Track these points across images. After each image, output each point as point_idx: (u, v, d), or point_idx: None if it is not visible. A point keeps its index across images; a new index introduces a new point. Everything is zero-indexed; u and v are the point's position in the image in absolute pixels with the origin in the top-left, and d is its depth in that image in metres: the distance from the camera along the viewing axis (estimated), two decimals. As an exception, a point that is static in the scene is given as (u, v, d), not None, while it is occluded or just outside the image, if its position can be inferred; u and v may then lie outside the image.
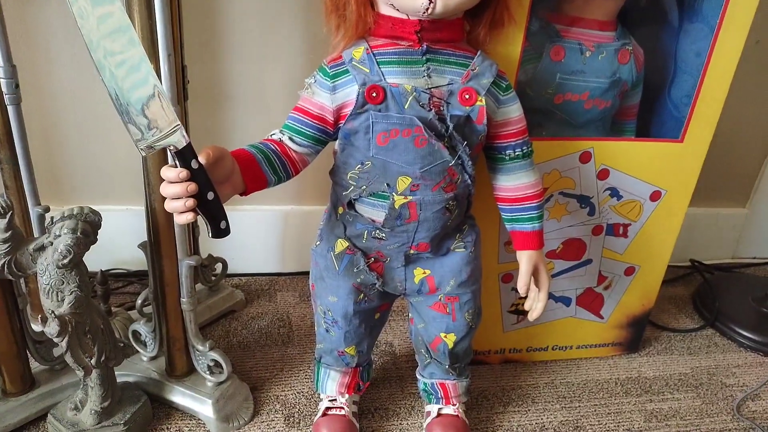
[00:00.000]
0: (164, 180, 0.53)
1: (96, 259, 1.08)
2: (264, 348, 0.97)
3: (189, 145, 0.53)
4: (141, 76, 0.50)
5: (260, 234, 1.16)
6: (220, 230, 0.58)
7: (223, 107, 1.03)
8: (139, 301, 0.92)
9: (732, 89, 0.82)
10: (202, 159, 0.54)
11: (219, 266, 1.04)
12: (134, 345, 0.86)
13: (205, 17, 0.96)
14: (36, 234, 0.82)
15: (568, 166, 0.82)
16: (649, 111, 0.90)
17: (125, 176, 1.06)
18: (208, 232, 0.58)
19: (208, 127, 1.03)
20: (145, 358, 0.86)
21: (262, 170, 0.62)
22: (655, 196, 0.87)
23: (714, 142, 0.86)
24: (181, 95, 0.81)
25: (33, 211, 0.81)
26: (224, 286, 1.06)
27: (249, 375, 0.90)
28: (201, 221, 0.56)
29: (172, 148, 0.53)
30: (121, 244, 1.00)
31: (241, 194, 0.61)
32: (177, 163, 0.54)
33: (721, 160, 1.26)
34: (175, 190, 0.53)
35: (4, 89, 0.74)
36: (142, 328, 0.83)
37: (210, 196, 0.55)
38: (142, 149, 0.52)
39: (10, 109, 0.75)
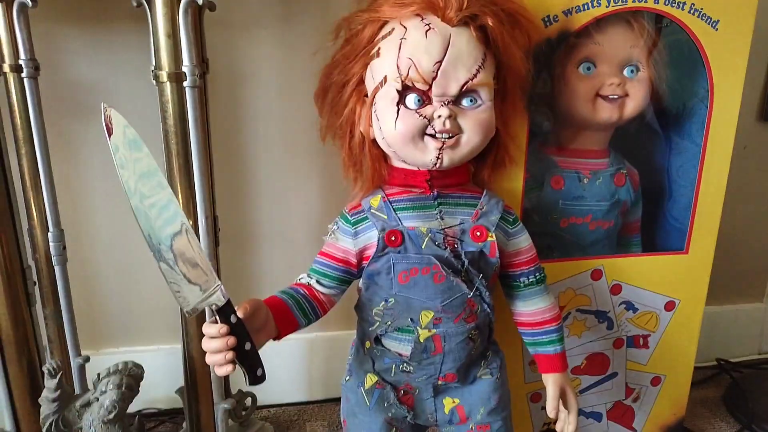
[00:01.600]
0: (205, 335, 0.58)
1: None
2: (297, 484, 0.96)
3: (229, 302, 0.58)
4: (183, 240, 0.56)
5: (286, 363, 1.18)
6: (257, 377, 0.61)
7: (250, 248, 1.09)
8: (173, 444, 0.93)
9: (729, 191, 0.87)
10: (240, 313, 0.58)
11: (248, 400, 1.06)
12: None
13: (231, 171, 1.05)
14: (76, 384, 0.85)
15: (581, 284, 0.86)
16: (652, 224, 0.95)
17: (156, 317, 1.11)
18: (246, 381, 0.61)
19: (237, 267, 1.09)
20: (179, 505, 0.85)
21: (293, 315, 0.66)
22: (670, 306, 0.90)
23: (721, 243, 0.89)
24: (213, 244, 0.88)
25: (74, 362, 0.84)
26: (254, 420, 1.07)
27: None
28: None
29: (213, 306, 0.58)
30: (153, 383, 1.02)
31: (274, 339, 0.65)
32: (217, 318, 0.58)
33: (730, 260, 1.29)
34: (216, 345, 0.56)
35: (52, 252, 0.81)
36: (177, 473, 0.84)
37: (247, 346, 0.59)
38: (187, 311, 0.57)
39: (57, 270, 0.81)
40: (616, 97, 0.79)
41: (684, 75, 0.84)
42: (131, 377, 0.67)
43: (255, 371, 0.61)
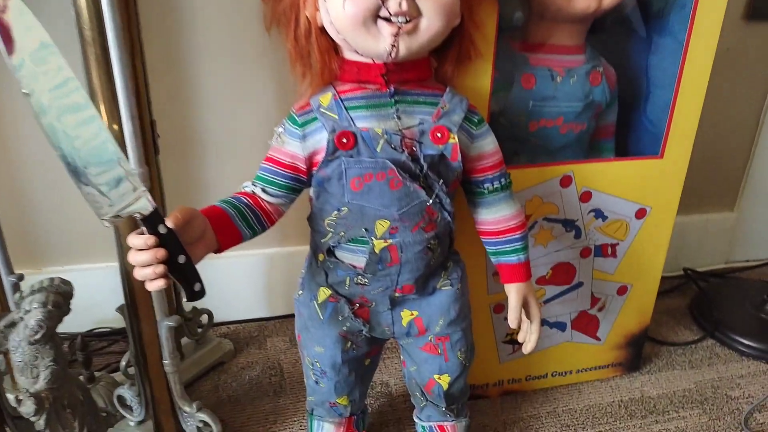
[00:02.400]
0: (132, 247, 0.52)
1: (77, 321, 1.07)
2: (255, 401, 0.94)
3: (156, 211, 0.52)
4: (98, 142, 0.48)
5: (245, 279, 1.13)
6: (195, 293, 0.56)
7: (196, 158, 1.01)
8: (123, 363, 0.90)
9: (708, 96, 0.81)
10: (170, 223, 0.52)
11: (204, 317, 1.02)
12: (120, 410, 0.83)
13: (171, 68, 0.95)
14: (11, 304, 0.79)
15: (550, 191, 0.81)
16: (626, 128, 0.89)
17: (101, 233, 1.03)
18: (183, 296, 0.56)
19: (183, 179, 1.01)
20: (132, 423, 0.83)
21: (235, 226, 0.61)
22: (640, 213, 0.86)
23: (695, 149, 0.85)
24: (151, 153, 0.80)
25: (6, 281, 0.78)
26: (211, 337, 1.04)
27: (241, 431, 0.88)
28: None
29: (138, 215, 0.51)
30: (102, 302, 0.97)
31: (215, 252, 0.60)
32: (144, 229, 0.52)
33: (704, 166, 1.26)
34: (144, 257, 0.51)
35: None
36: (126, 392, 0.81)
37: (181, 259, 0.54)
38: (105, 220, 0.50)
39: (-23, 180, 0.73)
40: (594, -18, 0.70)
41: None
42: (59, 294, 0.62)
43: (192, 286, 0.56)
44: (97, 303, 0.98)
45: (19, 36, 0.44)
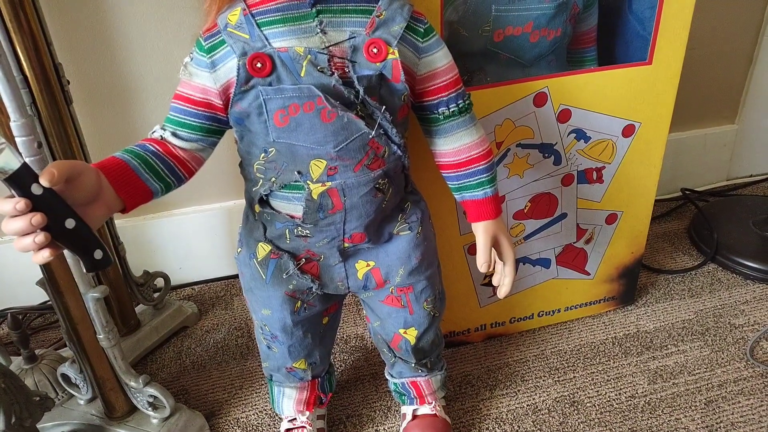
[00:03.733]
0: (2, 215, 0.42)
1: (21, 295, 0.99)
2: (221, 365, 0.87)
3: (23, 167, 0.42)
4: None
5: (206, 236, 1.04)
6: (96, 261, 0.47)
7: (123, 107, 0.90)
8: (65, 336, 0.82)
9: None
10: (44, 181, 0.42)
11: (159, 281, 0.94)
12: (67, 389, 0.76)
13: (78, 11, 0.82)
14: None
15: (522, 112, 0.70)
16: (610, 33, 0.78)
17: None
18: (82, 266, 0.47)
19: (110, 129, 0.90)
20: (81, 402, 0.76)
21: (140, 179, 0.51)
22: (628, 130, 0.76)
23: (689, 57, 0.74)
24: (60, 102, 0.69)
25: None
26: (171, 301, 0.96)
27: (205, 399, 0.81)
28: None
29: (1, 174, 0.41)
30: (32, 275, 0.89)
31: (121, 212, 0.50)
32: (13, 192, 0.42)
33: (700, 75, 1.14)
34: (17, 225, 0.42)
35: None
36: (69, 370, 0.73)
37: (69, 224, 0.44)
38: (-47, 184, 0.41)
39: None
40: None
41: None
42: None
43: (91, 254, 0.47)
44: (31, 276, 0.90)
45: None
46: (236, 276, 1.06)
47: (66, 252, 0.50)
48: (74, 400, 0.77)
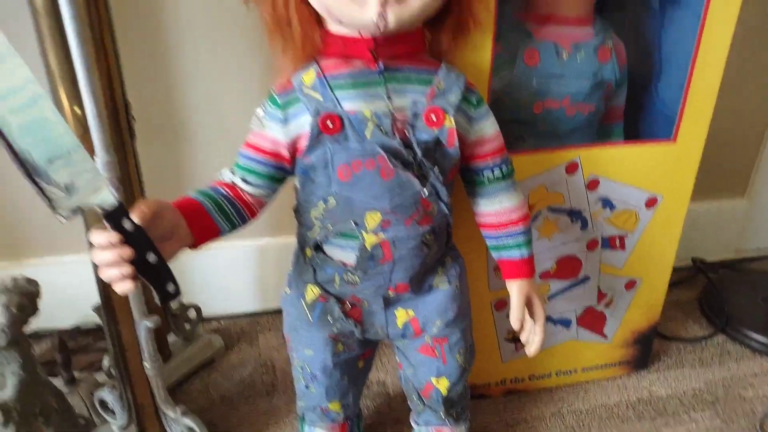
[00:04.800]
0: (94, 246, 0.46)
1: (59, 316, 1.02)
2: (248, 400, 0.89)
3: (120, 205, 0.46)
4: (45, 126, 0.43)
5: (236, 272, 1.08)
6: (168, 294, 0.51)
7: (178, 144, 0.96)
8: (105, 363, 0.85)
9: (723, 76, 0.75)
10: (136, 218, 0.47)
11: (192, 313, 0.97)
12: (102, 414, 0.78)
13: (148, 45, 0.89)
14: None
15: (555, 179, 0.75)
16: (637, 110, 0.83)
17: (74, 224, 0.99)
18: (156, 297, 0.51)
19: (164, 167, 0.96)
20: (115, 428, 0.78)
21: (212, 219, 0.55)
22: (651, 202, 0.81)
23: (708, 134, 0.79)
24: (126, 139, 0.74)
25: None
26: (200, 334, 0.99)
27: (232, 434, 0.83)
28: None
29: (99, 209, 0.46)
30: (86, 295, 0.92)
31: (190, 248, 0.54)
32: (107, 225, 0.47)
33: (715, 151, 1.19)
34: (108, 257, 0.46)
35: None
36: (108, 395, 0.76)
37: (151, 258, 0.48)
38: (61, 215, 0.45)
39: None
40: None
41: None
42: (23, 296, 0.57)
43: (164, 286, 0.51)
44: (80, 297, 0.93)
45: None
46: (262, 313, 1.10)
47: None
48: (107, 426, 0.79)
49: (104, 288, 0.66)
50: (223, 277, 1.07)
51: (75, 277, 0.95)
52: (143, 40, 0.88)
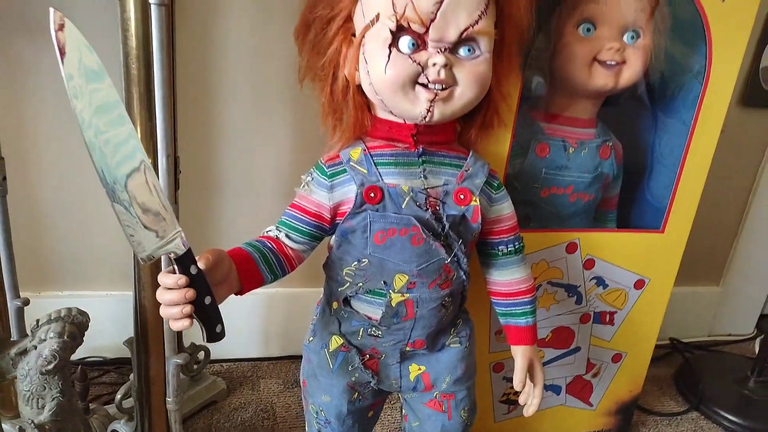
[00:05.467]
0: (161, 285, 0.52)
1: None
2: (248, 443, 0.93)
3: (189, 251, 0.53)
4: (141, 179, 0.49)
5: (243, 317, 1.13)
6: (216, 334, 0.57)
7: (212, 194, 1.03)
8: (118, 396, 0.88)
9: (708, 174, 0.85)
10: (201, 264, 0.53)
11: (201, 354, 1.01)
12: (112, 445, 0.81)
13: (197, 107, 0.97)
14: (13, 328, 0.78)
15: (556, 256, 0.84)
16: (629, 201, 0.93)
17: (106, 261, 1.04)
18: (203, 337, 0.57)
19: (197, 214, 1.02)
20: (124, 459, 0.81)
21: (259, 269, 0.61)
22: (639, 284, 0.89)
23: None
24: (172, 189, 0.81)
25: (11, 304, 0.78)
26: (206, 374, 1.03)
27: (233, 475, 0.86)
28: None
29: (171, 254, 0.52)
30: (98, 331, 0.96)
31: (236, 294, 0.60)
32: (175, 268, 0.53)
33: (694, 240, 1.30)
34: (173, 297, 0.51)
35: (-9, 182, 0.73)
36: (123, 428, 0.79)
37: (207, 300, 0.54)
38: (142, 258, 0.51)
39: (-4, 202, 0.74)
40: (614, 63, 0.75)
41: (682, 47, 0.81)
42: (74, 325, 0.62)
43: (214, 327, 0.56)
44: (91, 332, 0.97)
45: (71, 51, 0.45)
46: (263, 359, 1.15)
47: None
48: (116, 456, 0.82)
49: (142, 323, 0.71)
50: (230, 322, 1.11)
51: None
52: (194, 102, 0.96)
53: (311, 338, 0.72)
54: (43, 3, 0.83)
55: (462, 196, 0.65)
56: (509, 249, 0.70)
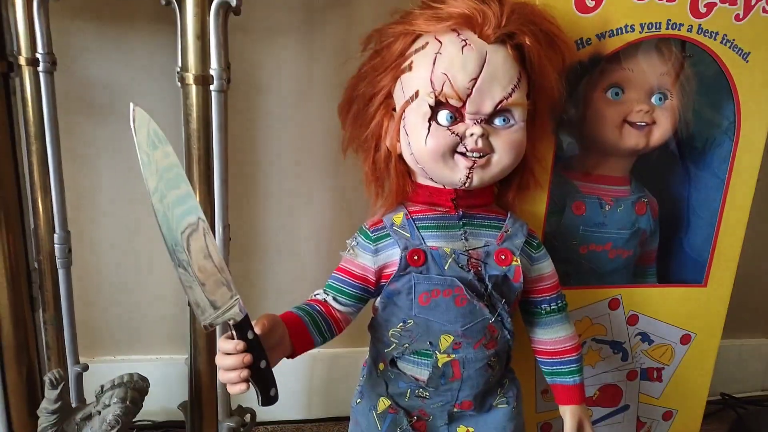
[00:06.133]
0: (219, 350, 0.55)
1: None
2: (294, 507, 0.92)
3: (246, 317, 0.56)
4: (201, 242, 0.53)
5: (286, 379, 1.12)
6: (270, 398, 0.59)
7: (258, 259, 1.07)
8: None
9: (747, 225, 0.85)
10: (257, 329, 0.56)
11: (248, 417, 1.02)
12: None
13: (245, 179, 1.02)
14: (72, 393, 0.82)
15: (598, 313, 0.84)
16: (668, 255, 0.93)
17: (157, 326, 1.08)
18: (258, 400, 0.59)
19: (245, 278, 1.06)
20: None
21: (309, 333, 0.64)
22: (685, 339, 0.88)
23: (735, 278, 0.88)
24: (226, 257, 0.85)
25: (72, 370, 0.81)
26: (251, 438, 1.03)
27: None
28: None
29: (231, 321, 0.55)
30: (150, 394, 0.99)
31: (288, 357, 0.63)
32: (234, 334, 0.55)
33: (740, 292, 1.28)
34: (232, 362, 0.54)
35: (57, 254, 0.78)
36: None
37: (263, 364, 0.57)
38: (204, 326, 0.54)
39: (61, 273, 0.78)
40: (643, 124, 0.78)
41: (709, 105, 0.83)
42: (136, 391, 0.65)
43: (268, 391, 0.59)
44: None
45: (140, 127, 0.50)
46: (306, 420, 1.15)
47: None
48: None
49: (196, 386, 0.74)
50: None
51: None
52: (242, 172, 1.01)
53: (359, 400, 0.73)
54: (104, 86, 0.92)
55: (503, 257, 0.67)
56: (552, 307, 0.72)
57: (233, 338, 0.55)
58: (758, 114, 0.80)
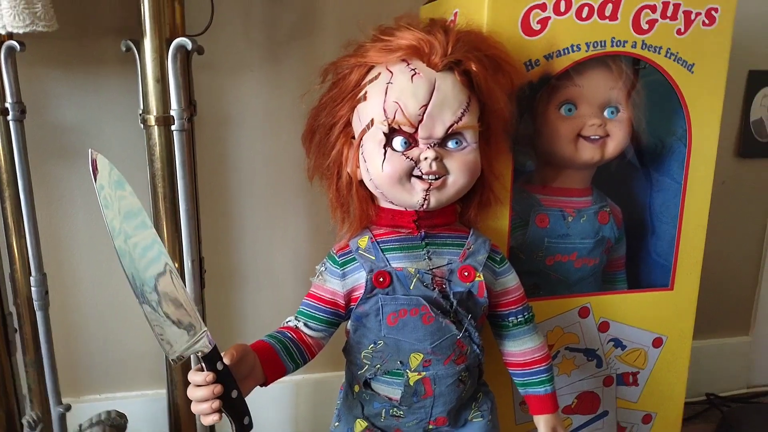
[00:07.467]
0: (191, 383, 0.56)
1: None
2: None
3: (215, 349, 0.57)
4: (168, 282, 0.55)
5: (272, 405, 1.15)
6: (244, 426, 0.60)
7: (236, 289, 1.08)
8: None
9: (712, 225, 0.88)
10: (226, 360, 0.57)
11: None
12: None
13: (217, 211, 1.04)
14: (55, 434, 0.82)
15: (569, 322, 0.86)
16: (636, 261, 0.96)
17: (139, 362, 1.08)
18: (232, 429, 0.60)
19: (223, 309, 1.08)
20: None
21: (281, 360, 0.65)
22: (657, 342, 0.90)
23: (705, 277, 0.90)
24: (198, 289, 0.86)
25: (55, 411, 0.82)
26: (238, 468, 1.04)
27: None
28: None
29: (199, 353, 0.56)
30: (135, 429, 0.99)
31: (261, 385, 0.64)
32: (203, 365, 0.57)
33: (716, 293, 1.30)
34: (202, 393, 0.55)
35: (34, 297, 0.79)
36: None
37: (234, 394, 0.58)
38: (173, 359, 0.56)
39: (39, 315, 0.80)
40: (597, 137, 0.81)
41: (662, 115, 0.86)
42: (114, 427, 0.66)
43: (242, 420, 0.60)
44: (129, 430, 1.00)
45: (102, 169, 0.53)
46: (295, 448, 1.15)
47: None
48: None
49: (176, 420, 0.75)
50: (260, 410, 1.13)
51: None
52: (215, 205, 1.03)
53: (337, 423, 0.74)
54: (77, 134, 0.94)
55: (466, 273, 0.69)
56: (519, 319, 0.73)
57: (203, 370, 0.56)
58: (708, 121, 0.83)
